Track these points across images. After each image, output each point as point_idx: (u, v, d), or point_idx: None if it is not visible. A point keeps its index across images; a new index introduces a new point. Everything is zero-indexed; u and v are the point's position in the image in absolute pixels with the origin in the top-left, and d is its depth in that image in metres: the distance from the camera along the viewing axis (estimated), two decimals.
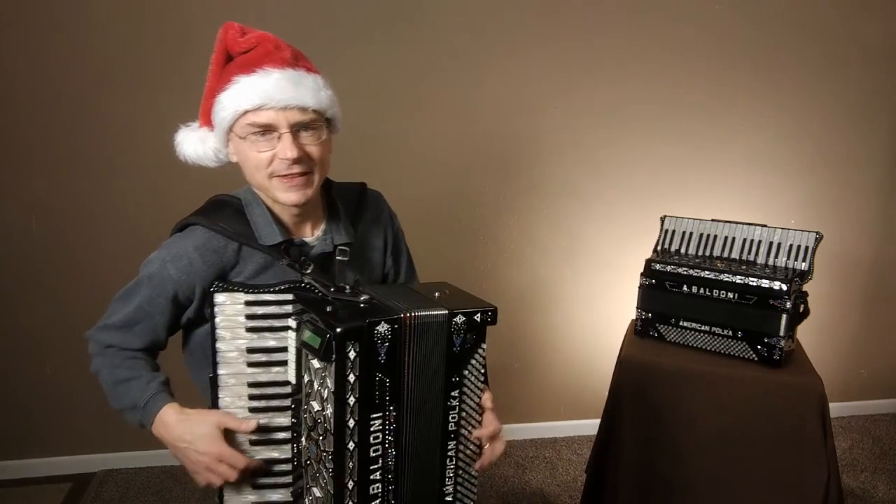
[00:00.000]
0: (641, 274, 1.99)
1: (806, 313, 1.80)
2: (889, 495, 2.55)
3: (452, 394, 1.08)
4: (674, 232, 2.07)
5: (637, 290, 2.00)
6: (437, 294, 1.11)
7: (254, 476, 1.05)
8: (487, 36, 2.57)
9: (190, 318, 1.16)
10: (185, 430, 1.03)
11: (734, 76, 2.77)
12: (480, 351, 1.10)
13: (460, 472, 1.13)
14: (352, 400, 0.96)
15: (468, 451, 1.13)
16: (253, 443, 1.05)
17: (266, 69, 1.04)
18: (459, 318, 1.05)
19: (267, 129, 1.05)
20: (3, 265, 2.40)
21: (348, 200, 1.27)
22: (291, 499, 1.06)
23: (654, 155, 2.79)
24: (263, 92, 1.03)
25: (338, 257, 1.18)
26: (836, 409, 2.71)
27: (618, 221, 2.81)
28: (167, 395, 1.09)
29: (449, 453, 1.10)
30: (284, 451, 1.06)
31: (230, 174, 1.22)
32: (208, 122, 1.13)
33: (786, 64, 2.80)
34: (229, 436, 1.03)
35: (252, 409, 1.04)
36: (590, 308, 2.88)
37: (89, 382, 2.60)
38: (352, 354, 0.94)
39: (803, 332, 1.91)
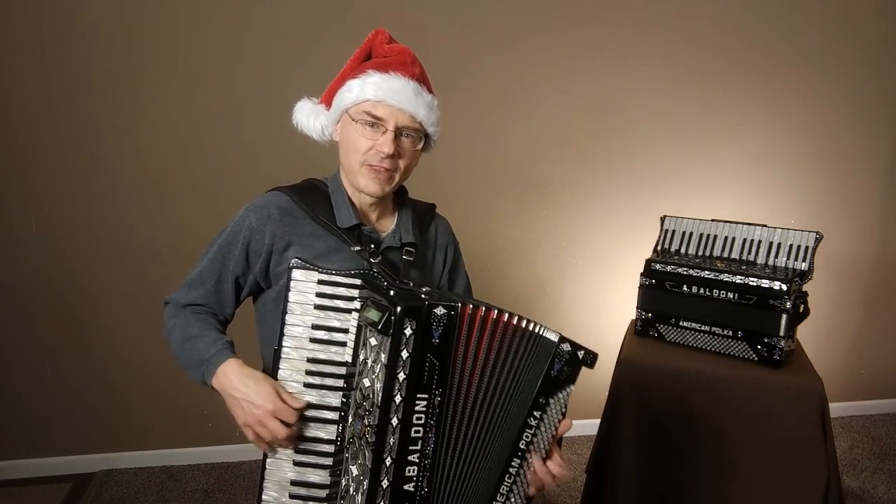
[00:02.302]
0: (641, 274, 1.98)
1: (806, 313, 1.80)
2: (889, 495, 2.55)
3: (535, 413, 1.12)
4: (674, 232, 2.07)
5: (637, 290, 2.00)
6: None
7: (299, 441, 1.09)
8: (486, 34, 2.57)
9: (257, 281, 1.25)
10: (245, 383, 1.08)
11: (735, 75, 2.77)
12: (569, 389, 1.15)
13: (513, 496, 1.15)
14: (402, 376, 1.01)
15: (527, 480, 1.15)
16: (303, 418, 1.09)
17: (398, 74, 1.21)
18: (566, 346, 1.13)
19: (377, 122, 1.20)
20: (3, 265, 2.40)
21: (417, 211, 1.40)
22: (329, 481, 1.10)
23: (654, 154, 2.79)
24: (389, 90, 1.19)
25: (404, 256, 1.28)
26: (836, 409, 2.72)
27: (617, 221, 2.81)
28: (232, 352, 1.16)
29: (510, 470, 1.13)
30: (329, 433, 1.10)
31: (233, 179, 1.23)
32: (329, 101, 1.27)
33: (786, 63, 2.80)
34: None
35: (307, 385, 1.09)
36: (590, 308, 2.88)
37: (89, 382, 2.61)
38: (408, 331, 1.00)
39: (803, 332, 1.91)
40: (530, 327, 1.11)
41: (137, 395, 2.55)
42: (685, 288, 1.90)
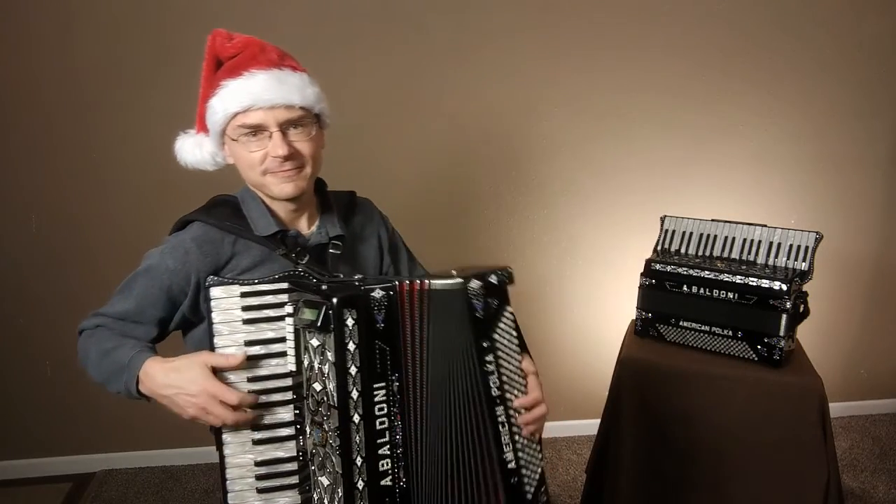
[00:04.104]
0: (641, 274, 1.98)
1: (806, 313, 1.80)
2: (889, 495, 2.55)
3: (487, 359, 1.07)
4: (674, 232, 2.07)
5: (637, 290, 2.00)
6: (453, 271, 1.12)
7: (259, 467, 1.03)
8: (486, 36, 2.57)
9: (185, 316, 1.17)
10: (172, 377, 1.00)
11: (735, 76, 2.77)
12: (507, 315, 1.12)
13: (517, 437, 1.10)
14: (353, 369, 0.95)
15: (518, 417, 1.12)
16: (256, 442, 1.03)
17: (252, 71, 1.09)
18: (475, 283, 1.07)
19: (257, 129, 1.10)
20: (3, 265, 2.40)
21: (339, 202, 1.32)
22: (300, 500, 1.04)
23: (654, 155, 2.79)
24: (250, 93, 1.08)
25: (331, 250, 1.21)
26: (836, 409, 2.71)
27: (617, 221, 2.81)
28: (151, 352, 1.08)
29: (499, 419, 1.08)
30: (289, 450, 1.04)
31: (232, 172, 1.23)
32: (204, 127, 1.19)
33: (787, 63, 2.80)
34: (221, 378, 1.02)
35: (252, 407, 1.03)
36: (590, 308, 2.88)
37: (90, 382, 2.60)
38: (350, 322, 0.95)
39: (803, 332, 1.91)
40: (434, 285, 1.05)
41: None
42: (685, 288, 1.90)
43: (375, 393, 0.98)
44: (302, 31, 2.42)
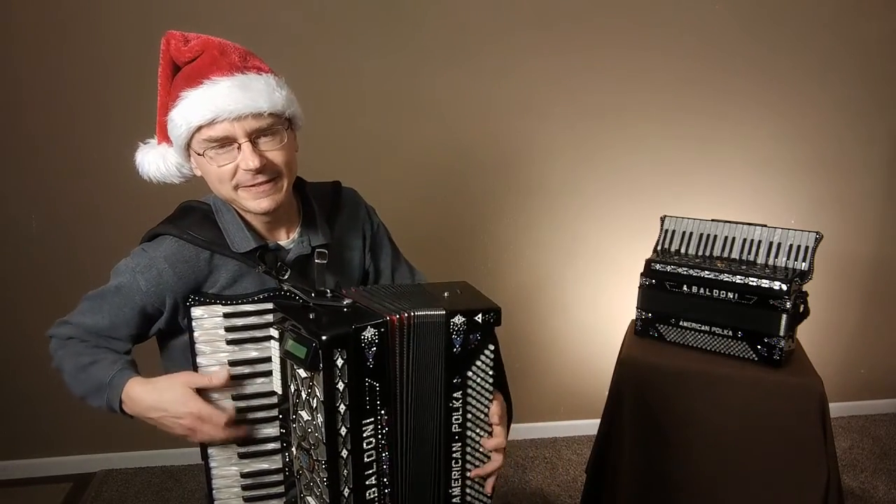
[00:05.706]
0: (641, 274, 1.98)
1: (806, 313, 1.80)
2: (889, 495, 2.55)
3: (455, 395, 1.05)
4: (674, 232, 2.07)
5: (637, 290, 2.00)
6: (446, 294, 1.09)
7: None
8: (488, 36, 2.57)
9: (161, 329, 1.13)
10: (155, 399, 0.99)
11: (734, 76, 2.77)
12: (487, 353, 1.08)
13: (468, 474, 1.10)
14: (342, 408, 0.93)
15: (477, 455, 1.11)
16: (242, 455, 1.03)
17: (213, 79, 0.99)
18: (458, 319, 1.02)
19: (224, 142, 1.01)
20: (3, 265, 2.40)
21: (322, 200, 1.23)
22: None
23: (654, 155, 2.79)
24: (213, 104, 0.98)
25: (316, 260, 1.13)
26: (836, 409, 2.71)
27: (618, 221, 2.82)
28: (132, 371, 1.05)
29: (454, 455, 1.07)
30: (274, 462, 1.04)
31: None
32: (166, 137, 1.09)
33: (785, 64, 2.80)
34: (206, 397, 1.00)
35: (237, 422, 1.03)
36: (590, 308, 2.88)
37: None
38: (339, 362, 0.91)
39: (803, 332, 1.91)
40: (417, 317, 1.00)
41: None
42: (685, 288, 1.90)
43: (364, 429, 0.96)
44: (301, 31, 2.42)
